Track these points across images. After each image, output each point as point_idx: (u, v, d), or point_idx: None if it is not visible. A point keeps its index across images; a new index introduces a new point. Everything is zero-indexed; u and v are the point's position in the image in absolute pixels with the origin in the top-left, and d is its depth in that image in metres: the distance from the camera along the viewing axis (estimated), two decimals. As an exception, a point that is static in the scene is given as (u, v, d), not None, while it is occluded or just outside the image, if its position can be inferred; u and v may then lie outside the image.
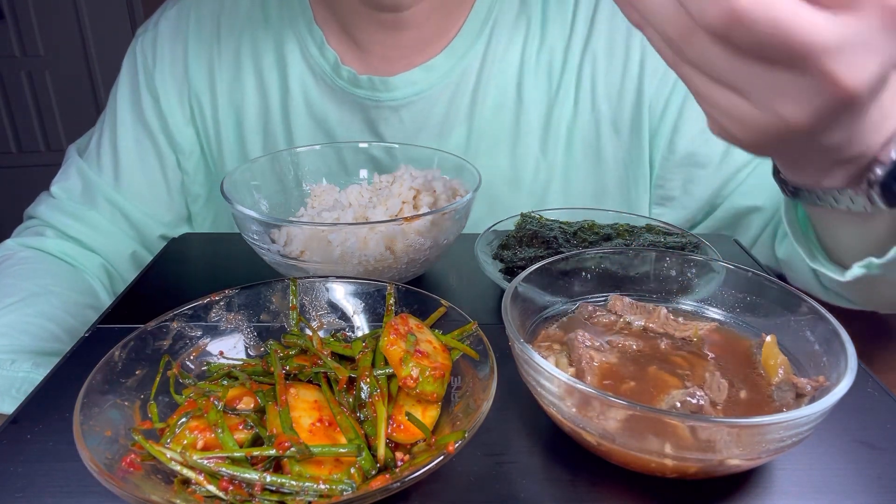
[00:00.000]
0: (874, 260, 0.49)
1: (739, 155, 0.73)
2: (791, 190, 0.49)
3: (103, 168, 0.81)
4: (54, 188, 0.81)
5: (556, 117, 0.76)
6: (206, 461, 0.33)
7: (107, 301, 0.76)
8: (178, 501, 0.32)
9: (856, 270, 0.51)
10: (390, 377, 0.40)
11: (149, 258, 0.81)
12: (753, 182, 0.73)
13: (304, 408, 0.37)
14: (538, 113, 0.76)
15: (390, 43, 0.75)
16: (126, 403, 0.38)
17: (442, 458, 0.33)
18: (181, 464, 0.33)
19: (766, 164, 0.71)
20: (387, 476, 0.34)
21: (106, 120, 0.83)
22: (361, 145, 0.70)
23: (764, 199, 0.73)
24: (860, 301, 0.63)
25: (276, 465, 0.34)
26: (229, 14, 0.80)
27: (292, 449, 0.33)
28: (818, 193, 0.46)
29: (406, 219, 0.52)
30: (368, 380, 0.39)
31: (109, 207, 0.80)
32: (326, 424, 0.36)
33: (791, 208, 0.57)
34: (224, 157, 0.82)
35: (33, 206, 0.82)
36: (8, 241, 0.78)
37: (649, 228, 0.61)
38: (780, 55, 0.32)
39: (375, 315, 0.47)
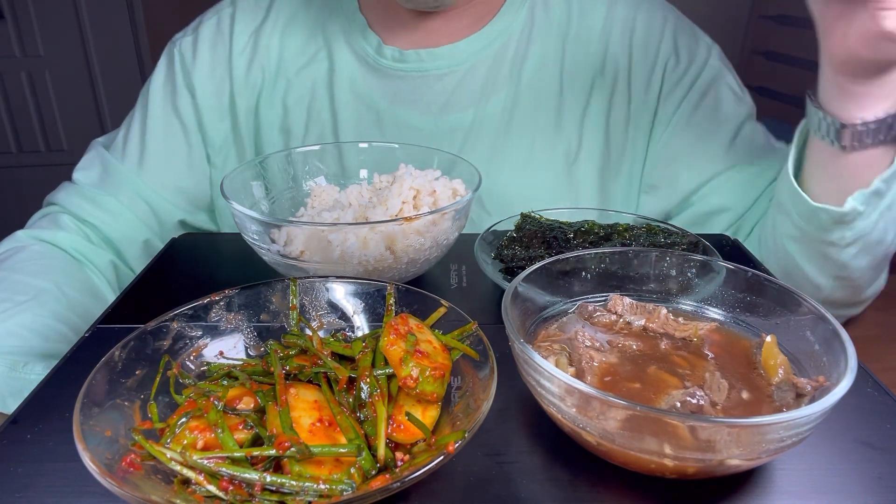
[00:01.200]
0: (864, 190, 0.61)
1: (720, 161, 0.80)
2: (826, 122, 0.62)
3: (128, 156, 0.85)
4: (76, 174, 0.85)
5: (593, 92, 0.82)
6: (206, 461, 0.33)
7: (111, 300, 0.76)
8: (178, 501, 0.32)
9: (850, 202, 0.61)
10: (390, 377, 0.40)
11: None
12: (728, 185, 0.80)
13: (304, 408, 0.37)
14: (579, 87, 0.82)
15: (433, 23, 0.82)
16: (126, 403, 0.38)
17: (442, 458, 0.33)
18: (181, 464, 0.33)
19: (740, 172, 0.80)
20: (387, 476, 0.34)
21: (136, 115, 0.87)
22: (361, 145, 0.70)
23: (734, 200, 0.80)
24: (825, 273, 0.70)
25: (276, 465, 0.34)
26: (273, 18, 0.86)
27: (292, 449, 0.33)
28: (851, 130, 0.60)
29: (406, 218, 0.52)
30: (368, 380, 0.39)
31: (129, 192, 0.83)
32: (326, 424, 0.36)
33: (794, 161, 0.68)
34: (263, 143, 0.87)
35: (53, 193, 0.85)
36: (19, 233, 0.78)
37: (649, 228, 0.61)
38: None
39: (375, 315, 0.47)
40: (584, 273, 0.49)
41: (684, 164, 0.81)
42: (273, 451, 0.34)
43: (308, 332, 0.46)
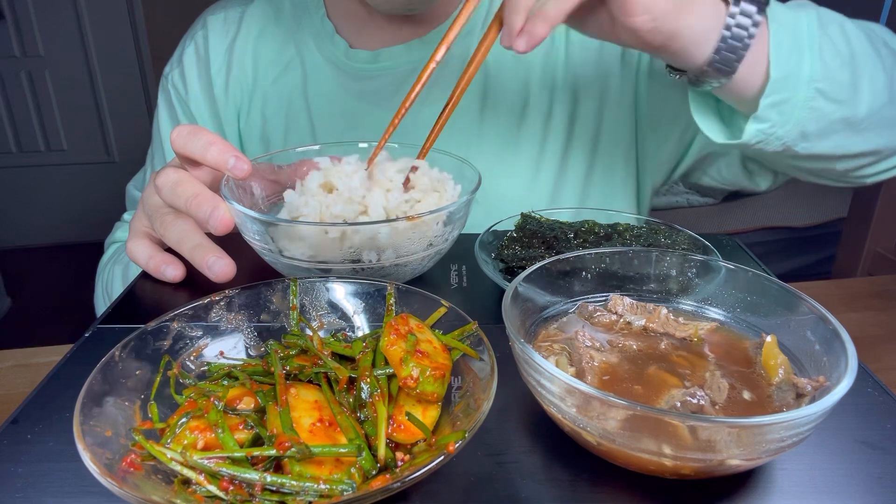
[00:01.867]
0: (755, 115, 0.59)
1: None
2: (691, 80, 0.61)
3: None
4: (124, 216, 0.92)
5: (552, 63, 0.83)
6: (206, 461, 0.33)
7: None
8: (178, 501, 0.32)
9: (748, 132, 0.60)
10: (390, 377, 0.40)
11: None
12: None
13: (305, 408, 0.37)
14: (538, 62, 0.83)
15: (400, 25, 0.83)
16: (126, 403, 0.38)
17: (442, 458, 0.33)
18: (181, 464, 0.33)
19: None
20: (387, 476, 0.34)
21: (155, 154, 0.92)
22: (361, 145, 0.70)
23: None
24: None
25: (277, 465, 0.34)
26: (245, 32, 0.89)
27: (292, 449, 0.33)
28: (705, 73, 0.58)
29: (407, 218, 0.52)
30: (369, 380, 0.39)
31: None
32: (327, 424, 0.36)
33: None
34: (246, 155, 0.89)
35: (111, 235, 0.90)
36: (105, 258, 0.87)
37: (650, 228, 0.61)
38: None
39: (375, 315, 0.47)
40: (584, 273, 0.49)
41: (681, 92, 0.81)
42: (273, 451, 0.34)
43: (308, 332, 0.46)
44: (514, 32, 0.55)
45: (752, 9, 0.56)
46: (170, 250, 0.61)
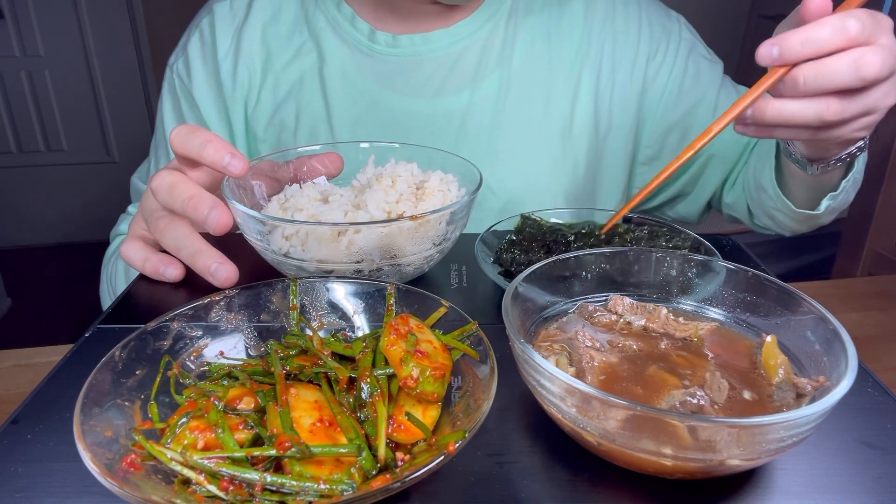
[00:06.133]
0: (832, 193, 0.71)
1: (709, 121, 0.83)
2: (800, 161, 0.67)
3: None
4: (129, 208, 0.90)
5: (582, 74, 0.85)
6: (206, 461, 0.33)
7: None
8: (178, 501, 0.32)
9: (824, 203, 0.72)
10: (390, 377, 0.40)
11: None
12: (720, 136, 0.81)
13: (305, 408, 0.37)
14: (567, 70, 0.85)
15: (425, 10, 0.83)
16: (126, 403, 0.38)
17: (442, 458, 0.33)
18: (181, 464, 0.33)
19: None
20: (387, 476, 0.34)
21: (159, 144, 0.91)
22: (363, 145, 0.70)
23: (724, 148, 0.87)
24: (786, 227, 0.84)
25: (277, 465, 0.34)
26: (254, 17, 0.88)
27: (293, 449, 0.33)
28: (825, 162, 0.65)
29: (411, 217, 0.52)
30: (369, 380, 0.39)
31: None
32: (327, 424, 0.36)
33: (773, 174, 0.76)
34: (257, 142, 0.89)
35: (116, 227, 0.90)
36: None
37: (650, 229, 0.61)
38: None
39: (375, 315, 0.47)
40: (584, 273, 0.49)
41: (679, 133, 0.87)
42: (273, 451, 0.34)
43: (308, 332, 0.46)
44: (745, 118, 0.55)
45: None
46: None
